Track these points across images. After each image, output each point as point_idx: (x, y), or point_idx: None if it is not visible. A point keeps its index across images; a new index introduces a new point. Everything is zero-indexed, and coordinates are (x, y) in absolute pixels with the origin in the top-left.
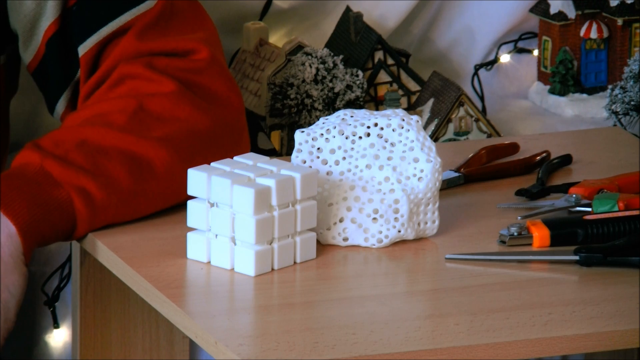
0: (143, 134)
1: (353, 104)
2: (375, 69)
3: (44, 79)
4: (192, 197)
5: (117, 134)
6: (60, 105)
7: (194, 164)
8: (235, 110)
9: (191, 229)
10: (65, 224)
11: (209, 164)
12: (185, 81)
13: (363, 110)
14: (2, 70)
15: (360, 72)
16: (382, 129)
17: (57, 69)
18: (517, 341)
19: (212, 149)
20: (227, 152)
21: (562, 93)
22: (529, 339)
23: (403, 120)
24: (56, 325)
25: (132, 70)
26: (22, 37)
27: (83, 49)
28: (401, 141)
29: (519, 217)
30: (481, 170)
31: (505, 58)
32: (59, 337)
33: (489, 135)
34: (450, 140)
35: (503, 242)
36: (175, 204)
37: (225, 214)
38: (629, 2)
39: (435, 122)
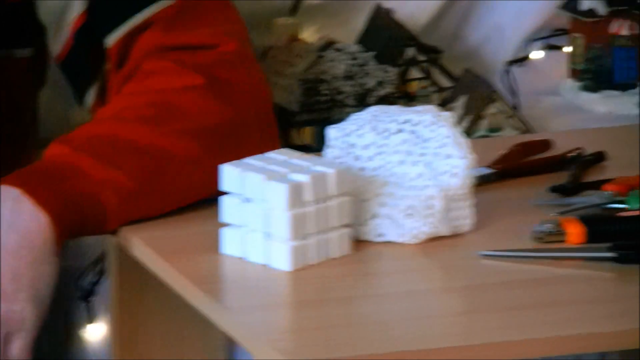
0: (171, 127)
1: (385, 100)
2: (406, 65)
3: (73, 70)
4: (223, 192)
5: (145, 127)
6: (90, 97)
7: (222, 156)
8: (263, 103)
9: (224, 225)
10: (96, 215)
11: (238, 156)
12: (212, 74)
13: (395, 107)
14: (30, 62)
15: (391, 69)
16: (414, 125)
17: (86, 60)
18: (552, 337)
19: (240, 141)
20: (256, 143)
21: (593, 90)
22: (563, 335)
23: (436, 116)
24: (91, 320)
25: (159, 64)
26: (50, 29)
27: (110, 41)
28: (434, 137)
29: (553, 214)
30: (514, 167)
31: (536, 55)
32: (94, 332)
33: (522, 132)
34: (482, 136)
35: (537, 238)
36: (204, 197)
37: (260, 210)
38: None
39: (468, 118)
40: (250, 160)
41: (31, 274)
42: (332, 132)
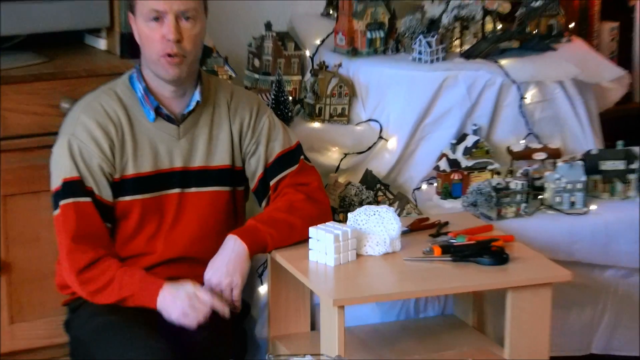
0: (293, 214)
1: (369, 204)
2: (377, 191)
3: (258, 195)
4: (309, 238)
5: (282, 214)
6: (263, 204)
7: (311, 224)
8: (327, 207)
9: (310, 249)
10: (263, 246)
11: (318, 224)
12: (307, 195)
13: (373, 206)
14: (242, 193)
15: (371, 192)
16: (380, 213)
17: (262, 191)
18: (430, 289)
19: (318, 221)
20: (324, 220)
21: (445, 199)
22: (431, 289)
23: (388, 210)
24: (262, 283)
25: (289, 190)
26: (249, 178)
27: (271, 183)
28: (387, 217)
29: (430, 244)
30: (416, 227)
31: (424, 187)
32: (263, 289)
33: (419, 214)
34: (404, 216)
35: (424, 253)
36: (304, 239)
37: (323, 244)
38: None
39: (399, 210)
40: (320, 226)
41: (240, 267)
42: (350, 216)
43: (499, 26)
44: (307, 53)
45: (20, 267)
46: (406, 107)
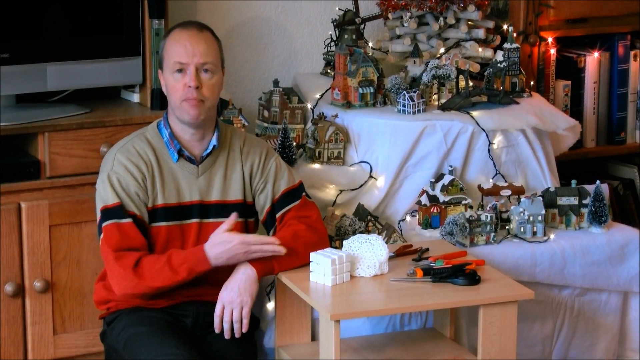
0: (296, 241)
1: (361, 233)
2: (367, 222)
3: (266, 226)
4: (310, 262)
5: (287, 240)
6: (271, 234)
7: (312, 250)
8: (326, 235)
9: (311, 271)
10: (271, 270)
11: (316, 250)
12: (308, 225)
13: (364, 234)
14: (253, 223)
15: (363, 223)
16: (370, 240)
17: (270, 222)
18: (409, 306)
19: (318, 247)
20: (323, 246)
21: (425, 228)
22: (412, 305)
23: (377, 238)
24: (269, 300)
25: (292, 222)
26: (259, 212)
27: (278, 215)
28: (376, 244)
29: (413, 266)
30: (402, 252)
31: (408, 218)
32: (270, 306)
33: (403, 241)
34: (391, 244)
35: (408, 274)
36: (306, 263)
37: (322, 267)
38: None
39: (386, 238)
40: (319, 251)
41: (250, 288)
42: (345, 243)
43: (470, 83)
44: (309, 105)
45: (64, 286)
46: (392, 151)
